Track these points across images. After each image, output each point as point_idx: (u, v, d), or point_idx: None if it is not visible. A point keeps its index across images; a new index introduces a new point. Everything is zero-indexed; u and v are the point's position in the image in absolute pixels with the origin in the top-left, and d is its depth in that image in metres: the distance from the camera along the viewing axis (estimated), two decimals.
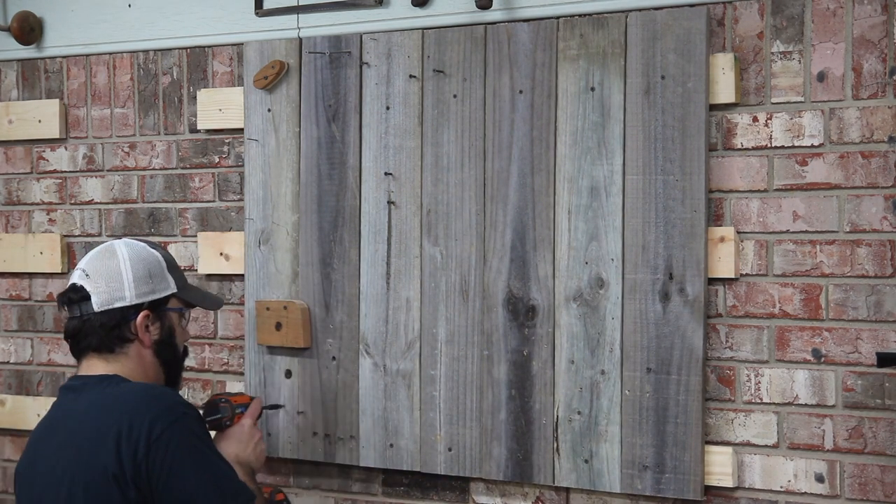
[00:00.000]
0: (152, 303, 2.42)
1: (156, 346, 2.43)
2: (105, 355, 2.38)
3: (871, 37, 2.51)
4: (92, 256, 2.43)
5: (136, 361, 2.40)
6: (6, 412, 3.52)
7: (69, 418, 2.33)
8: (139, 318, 2.39)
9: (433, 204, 2.89)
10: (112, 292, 2.37)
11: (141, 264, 2.41)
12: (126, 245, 2.45)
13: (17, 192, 3.52)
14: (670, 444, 2.64)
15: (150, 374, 2.42)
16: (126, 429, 2.22)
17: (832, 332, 2.55)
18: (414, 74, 2.91)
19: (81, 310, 2.37)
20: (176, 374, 2.51)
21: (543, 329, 2.77)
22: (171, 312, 2.46)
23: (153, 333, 2.42)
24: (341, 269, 2.99)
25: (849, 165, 2.53)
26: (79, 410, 2.32)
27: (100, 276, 2.38)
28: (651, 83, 2.66)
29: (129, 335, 2.39)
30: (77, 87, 3.43)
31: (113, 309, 2.37)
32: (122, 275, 2.38)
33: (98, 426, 2.26)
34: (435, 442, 2.89)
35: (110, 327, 2.37)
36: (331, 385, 3.01)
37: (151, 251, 2.46)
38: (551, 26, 2.77)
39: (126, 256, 2.41)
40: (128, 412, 2.24)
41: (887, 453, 2.50)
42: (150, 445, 2.21)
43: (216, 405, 2.61)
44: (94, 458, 2.24)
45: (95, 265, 2.40)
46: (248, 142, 3.12)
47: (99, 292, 2.37)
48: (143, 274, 2.40)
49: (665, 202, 2.65)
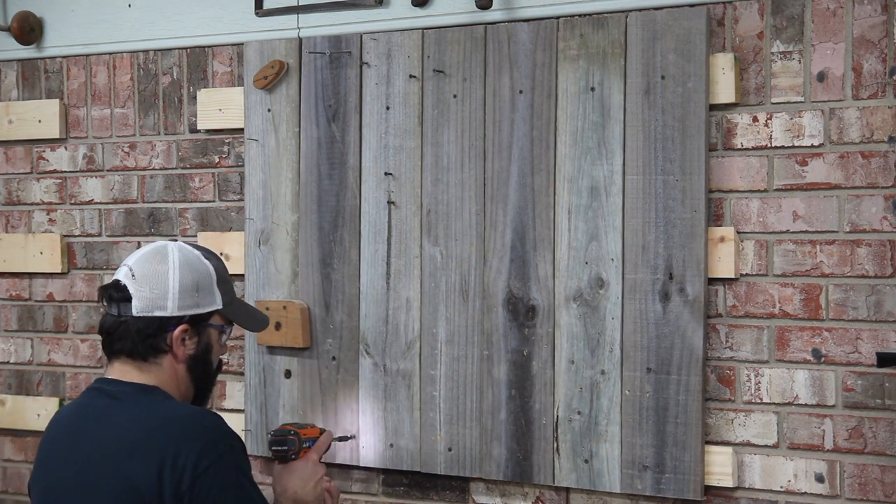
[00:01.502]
0: (193, 317, 2.28)
1: (189, 360, 2.30)
2: (139, 363, 2.27)
3: (871, 37, 2.51)
4: (142, 256, 2.30)
5: (169, 374, 2.29)
6: (6, 412, 3.52)
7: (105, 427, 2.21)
8: (176, 332, 2.26)
9: (433, 204, 2.89)
10: (154, 300, 2.25)
11: (190, 275, 2.28)
12: (180, 251, 2.31)
13: (17, 192, 3.52)
14: (670, 444, 2.64)
15: (181, 388, 2.31)
16: (171, 457, 2.12)
17: (832, 332, 2.55)
18: (414, 74, 2.91)
19: (120, 310, 2.26)
20: (206, 391, 2.39)
21: (543, 329, 2.77)
22: (210, 329, 2.33)
23: (188, 348, 2.29)
24: (341, 269, 2.99)
25: (849, 165, 2.53)
26: (118, 422, 2.20)
27: (146, 279, 2.26)
28: (651, 83, 2.66)
29: (164, 346, 2.26)
30: (77, 87, 3.43)
31: (151, 317, 2.25)
32: (169, 284, 2.26)
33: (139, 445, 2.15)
34: (435, 442, 2.89)
35: (146, 335, 2.25)
36: (331, 385, 3.01)
37: (204, 262, 2.32)
38: (551, 26, 2.77)
39: (177, 264, 2.28)
40: (174, 439, 2.14)
41: (887, 453, 2.50)
42: (196, 478, 2.12)
43: (284, 437, 2.48)
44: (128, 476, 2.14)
45: (144, 267, 2.27)
46: (248, 142, 3.12)
47: (141, 297, 2.25)
48: (189, 286, 2.27)
49: (665, 202, 2.65)
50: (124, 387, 2.26)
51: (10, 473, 3.55)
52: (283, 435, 2.48)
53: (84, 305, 3.41)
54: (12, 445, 3.54)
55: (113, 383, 2.28)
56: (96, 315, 3.39)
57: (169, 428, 2.16)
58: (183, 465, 2.11)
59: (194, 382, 2.33)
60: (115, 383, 2.28)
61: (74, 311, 3.43)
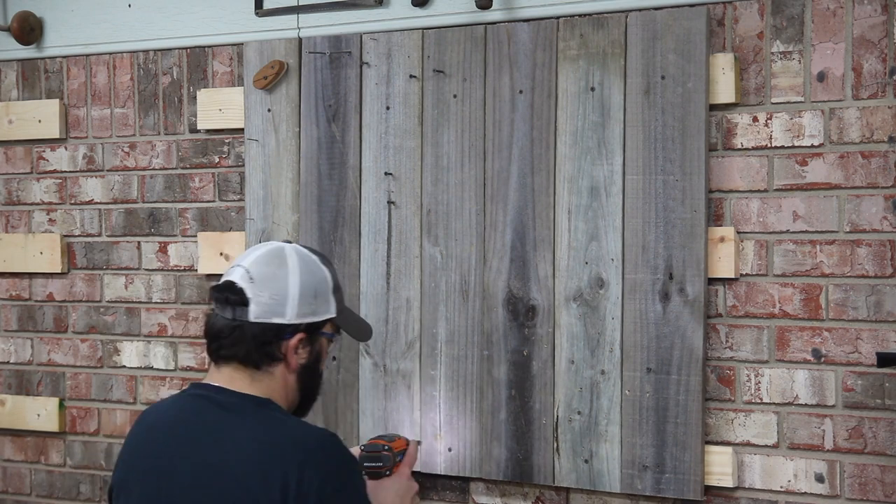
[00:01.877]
0: (309, 325, 2.18)
1: (301, 370, 2.21)
2: (251, 370, 2.16)
3: (871, 37, 2.51)
4: (259, 258, 2.19)
5: (280, 383, 2.19)
6: (6, 412, 3.52)
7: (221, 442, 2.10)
8: (293, 340, 2.16)
9: (433, 204, 2.89)
10: (273, 306, 2.14)
11: (310, 281, 2.18)
12: (297, 254, 2.20)
13: (17, 192, 3.52)
14: (670, 444, 2.64)
15: (289, 398, 2.21)
16: (296, 480, 2.02)
17: (832, 332, 2.55)
18: (414, 74, 2.91)
19: (235, 313, 2.15)
20: (311, 401, 2.30)
21: (543, 329, 2.77)
22: (323, 337, 2.23)
23: (301, 357, 2.19)
24: (341, 269, 2.99)
25: (849, 165, 2.53)
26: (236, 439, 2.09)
27: (265, 284, 2.15)
28: (651, 83, 2.66)
29: (278, 355, 2.16)
30: (77, 87, 3.43)
31: (269, 324, 2.14)
32: (289, 290, 2.15)
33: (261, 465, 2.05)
34: (435, 442, 2.89)
35: (261, 342, 2.15)
36: (331, 385, 3.01)
37: (322, 268, 2.22)
38: (551, 26, 2.77)
39: (297, 269, 2.18)
40: (299, 462, 2.04)
41: (887, 453, 2.50)
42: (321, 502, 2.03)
43: (378, 452, 2.39)
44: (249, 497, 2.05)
45: (263, 271, 2.16)
46: (248, 142, 3.12)
47: (260, 302, 2.13)
48: (309, 293, 2.17)
49: (665, 202, 2.65)
50: (236, 398, 2.15)
51: (10, 473, 3.55)
52: (378, 451, 2.39)
53: (84, 305, 3.41)
54: (12, 445, 3.54)
55: (222, 392, 2.17)
56: (96, 315, 3.39)
57: (293, 449, 2.06)
58: (308, 490, 2.03)
59: (301, 392, 2.24)
60: (224, 392, 2.17)
61: (74, 311, 3.43)
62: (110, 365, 3.38)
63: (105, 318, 3.39)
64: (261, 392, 2.16)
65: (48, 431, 3.46)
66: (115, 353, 3.37)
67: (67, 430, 3.45)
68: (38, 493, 3.50)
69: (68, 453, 3.45)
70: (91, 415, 3.41)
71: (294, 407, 2.25)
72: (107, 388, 3.39)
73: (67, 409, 3.44)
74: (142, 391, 3.34)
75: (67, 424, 3.45)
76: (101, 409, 3.40)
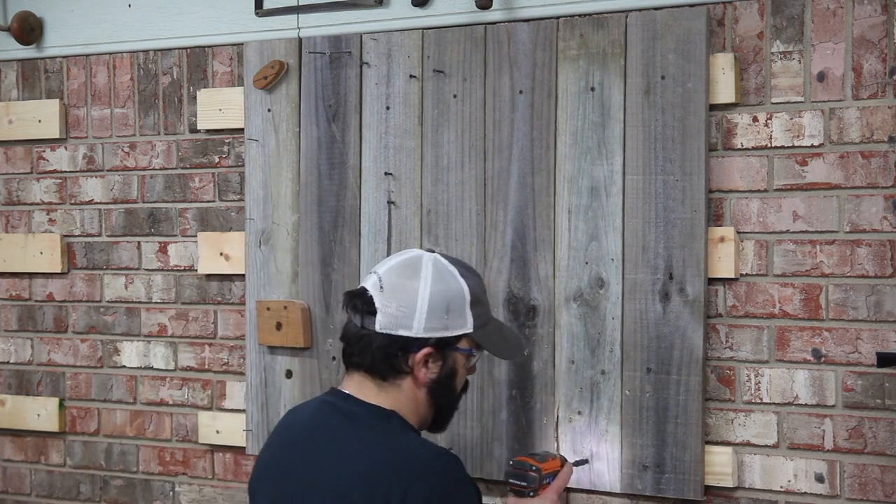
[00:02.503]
0: (439, 340, 2.13)
1: (431, 385, 2.15)
2: (377, 380, 2.14)
3: (871, 37, 2.51)
4: (394, 267, 2.16)
5: (408, 396, 2.14)
6: (6, 412, 3.52)
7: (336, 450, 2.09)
8: (419, 355, 2.12)
9: (433, 204, 2.89)
10: (400, 318, 2.10)
11: (442, 295, 2.12)
12: (434, 265, 2.16)
13: (17, 192, 3.52)
14: (670, 444, 2.64)
15: (420, 412, 2.17)
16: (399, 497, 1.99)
17: (832, 332, 2.55)
18: (414, 74, 2.91)
19: (363, 322, 2.13)
20: (447, 416, 2.25)
21: (544, 329, 2.77)
22: (457, 353, 2.17)
23: (431, 371, 2.14)
24: (341, 269, 2.99)
25: (849, 165, 2.53)
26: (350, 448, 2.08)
27: (394, 294, 2.11)
28: (651, 83, 2.66)
29: (405, 368, 2.13)
30: (77, 87, 3.43)
31: (394, 335, 2.11)
32: (417, 303, 2.11)
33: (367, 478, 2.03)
34: (436, 442, 2.88)
35: (386, 353, 2.12)
36: (331, 385, 3.00)
37: (459, 281, 2.16)
38: (551, 26, 2.77)
39: (429, 281, 2.12)
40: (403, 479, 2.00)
41: (887, 453, 2.50)
42: None
43: (525, 472, 2.34)
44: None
45: (394, 280, 2.13)
46: (248, 142, 3.12)
47: (387, 313, 2.11)
48: (440, 307, 2.12)
49: (665, 202, 2.65)
50: (360, 407, 2.13)
51: (10, 473, 3.55)
52: (525, 469, 2.35)
53: (84, 305, 3.41)
54: (12, 445, 3.54)
55: (349, 400, 2.15)
56: (96, 315, 3.40)
57: (401, 467, 2.03)
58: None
59: (434, 408, 2.19)
60: (351, 400, 2.15)
61: (74, 311, 3.43)
62: (110, 365, 3.38)
63: (105, 318, 3.39)
64: (387, 403, 2.13)
65: (48, 431, 3.46)
66: (115, 353, 3.37)
67: (67, 430, 3.45)
68: (38, 493, 3.50)
69: (68, 453, 3.45)
70: (91, 415, 3.41)
71: (427, 422, 2.20)
72: (107, 388, 3.39)
73: (67, 409, 3.44)
74: (142, 391, 3.34)
75: (67, 424, 3.45)
76: (101, 409, 3.40)
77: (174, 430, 3.29)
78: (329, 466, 2.07)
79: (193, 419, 3.26)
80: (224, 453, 3.23)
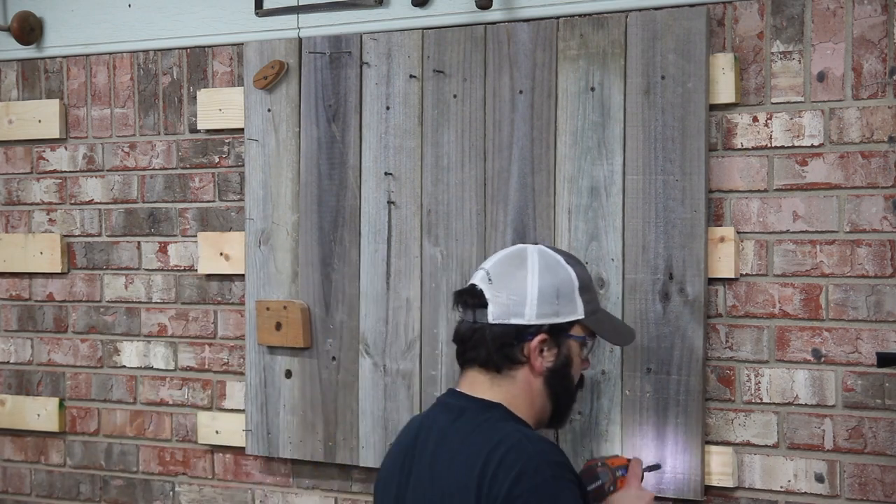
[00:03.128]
0: (552, 326, 2.15)
1: (547, 373, 2.17)
2: (492, 374, 2.15)
3: (871, 37, 2.51)
4: (500, 259, 2.21)
5: (522, 388, 2.16)
6: (6, 412, 3.52)
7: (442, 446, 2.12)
8: (534, 342, 2.14)
9: (433, 204, 2.89)
10: (511, 306, 2.13)
11: (550, 281, 2.15)
12: (540, 254, 2.20)
13: (17, 192, 3.52)
14: (670, 444, 2.64)
15: (536, 404, 2.18)
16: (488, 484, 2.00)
17: (832, 332, 2.55)
18: (414, 74, 2.91)
19: (476, 316, 2.15)
20: (565, 409, 2.26)
21: None
22: (571, 340, 2.19)
23: (546, 360, 2.16)
24: (341, 269, 2.99)
25: (849, 165, 2.53)
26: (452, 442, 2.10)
27: (503, 284, 2.15)
28: (651, 83, 2.66)
29: (521, 357, 2.15)
30: (77, 87, 3.43)
31: (508, 325, 2.13)
32: (527, 289, 2.14)
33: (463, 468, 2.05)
34: None
35: (501, 343, 2.13)
36: (331, 385, 3.01)
37: (566, 267, 2.20)
38: (551, 26, 2.77)
39: (536, 268, 2.16)
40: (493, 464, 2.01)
41: (887, 453, 2.50)
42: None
43: (594, 471, 2.34)
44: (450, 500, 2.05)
45: (501, 271, 2.17)
46: (248, 142, 3.12)
47: (498, 303, 2.14)
48: (549, 293, 2.14)
49: (665, 202, 2.65)
50: (468, 402, 2.15)
51: (10, 473, 3.55)
52: (593, 470, 2.34)
53: (84, 305, 3.42)
54: (12, 445, 3.54)
55: (460, 397, 2.17)
56: (96, 315, 3.40)
57: (491, 452, 2.04)
58: (497, 494, 2.00)
59: (552, 399, 2.21)
60: (461, 397, 2.17)
61: (74, 311, 3.43)
62: (110, 365, 3.38)
63: (105, 318, 3.39)
64: (497, 397, 2.13)
65: (48, 431, 3.46)
66: (115, 353, 3.37)
67: (67, 430, 3.45)
68: (38, 493, 3.50)
69: (68, 453, 3.45)
70: (91, 415, 3.41)
71: (546, 415, 2.21)
72: (107, 388, 3.39)
73: (67, 409, 3.45)
74: (142, 391, 3.34)
75: (67, 424, 3.45)
76: (101, 409, 3.40)
77: (174, 430, 3.29)
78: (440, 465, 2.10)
79: (193, 419, 3.26)
80: (224, 453, 3.23)
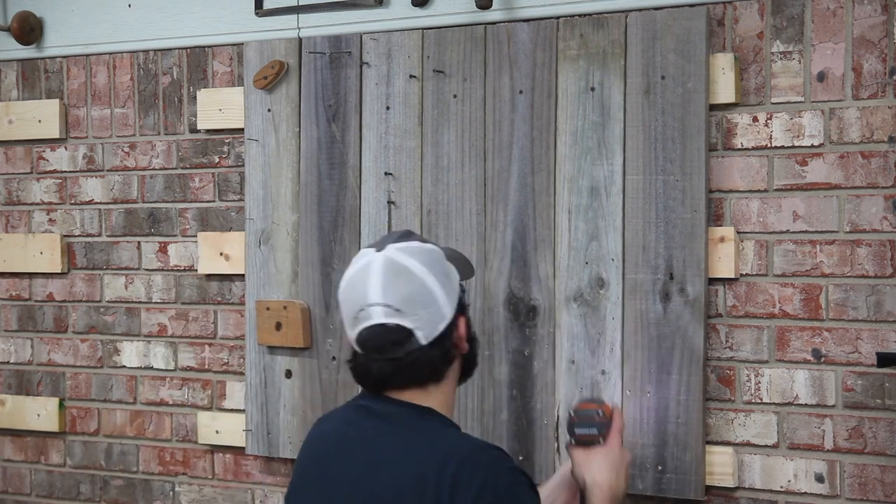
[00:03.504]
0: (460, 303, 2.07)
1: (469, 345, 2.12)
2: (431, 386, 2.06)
3: (871, 37, 2.51)
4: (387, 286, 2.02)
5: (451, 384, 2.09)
6: (6, 412, 3.52)
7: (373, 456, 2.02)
8: (461, 330, 2.07)
9: (433, 204, 2.89)
10: (433, 315, 2.02)
11: (436, 268, 2.05)
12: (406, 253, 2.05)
13: (17, 192, 3.52)
14: (671, 443, 2.64)
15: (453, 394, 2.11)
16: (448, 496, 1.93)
17: (832, 332, 2.55)
18: (414, 74, 2.91)
19: (405, 348, 2.01)
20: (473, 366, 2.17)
21: (544, 329, 2.77)
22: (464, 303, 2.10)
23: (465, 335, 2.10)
24: (341, 269, 2.98)
25: (849, 165, 2.53)
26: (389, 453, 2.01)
27: (414, 305, 2.01)
28: (651, 83, 2.66)
29: (454, 351, 2.07)
30: (77, 87, 3.43)
31: (440, 334, 2.03)
32: (434, 292, 2.03)
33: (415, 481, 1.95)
34: None
35: (442, 352, 2.04)
36: (331, 385, 3.01)
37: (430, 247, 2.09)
38: (551, 26, 2.77)
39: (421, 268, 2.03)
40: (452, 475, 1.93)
41: (887, 453, 2.50)
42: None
43: (592, 418, 2.21)
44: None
45: (401, 294, 2.01)
46: (248, 142, 3.12)
47: (422, 324, 2.01)
48: (443, 279, 2.05)
49: (665, 202, 2.65)
50: (395, 407, 2.06)
51: (10, 473, 3.55)
52: (591, 416, 2.21)
53: (84, 305, 3.41)
54: (12, 445, 3.54)
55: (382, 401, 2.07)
56: (96, 315, 3.39)
57: (446, 465, 1.96)
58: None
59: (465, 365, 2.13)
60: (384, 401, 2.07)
61: (74, 311, 3.43)
62: (110, 365, 3.38)
63: (105, 318, 3.39)
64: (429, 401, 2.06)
65: (48, 431, 3.46)
66: (115, 353, 3.37)
67: (67, 430, 3.45)
68: (38, 493, 3.50)
69: (68, 453, 3.45)
70: (91, 415, 3.41)
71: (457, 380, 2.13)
72: (107, 388, 3.39)
73: (67, 409, 3.45)
74: (142, 391, 3.34)
75: (67, 424, 3.45)
76: (101, 409, 3.40)
77: (174, 430, 3.29)
78: (371, 471, 2.01)
79: (193, 419, 3.26)
80: (224, 453, 3.23)
